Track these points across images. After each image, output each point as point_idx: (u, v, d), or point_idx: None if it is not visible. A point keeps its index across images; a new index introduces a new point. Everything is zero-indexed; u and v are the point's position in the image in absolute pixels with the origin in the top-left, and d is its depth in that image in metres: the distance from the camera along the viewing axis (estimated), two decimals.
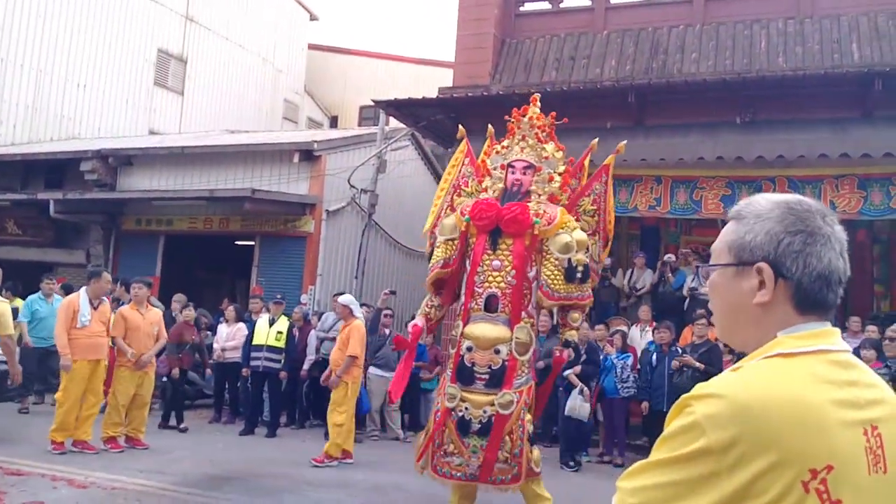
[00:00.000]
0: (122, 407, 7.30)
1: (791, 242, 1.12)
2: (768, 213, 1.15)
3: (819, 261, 1.12)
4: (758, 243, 1.14)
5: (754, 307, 1.14)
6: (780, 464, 0.98)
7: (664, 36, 10.62)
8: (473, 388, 4.76)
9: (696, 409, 1.03)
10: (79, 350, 6.95)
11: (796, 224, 1.13)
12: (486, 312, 4.83)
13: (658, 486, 1.03)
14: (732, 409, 1.00)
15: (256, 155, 12.86)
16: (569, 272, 4.84)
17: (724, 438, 0.99)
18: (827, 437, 1.02)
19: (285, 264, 12.34)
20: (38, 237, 13.90)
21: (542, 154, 5.16)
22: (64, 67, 16.56)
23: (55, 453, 6.64)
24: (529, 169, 5.09)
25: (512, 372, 4.73)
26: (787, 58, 9.78)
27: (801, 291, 1.12)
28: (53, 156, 13.96)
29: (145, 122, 18.17)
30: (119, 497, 5.49)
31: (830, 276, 1.12)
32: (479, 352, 4.76)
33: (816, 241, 1.12)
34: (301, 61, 22.61)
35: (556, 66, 10.95)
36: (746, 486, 0.98)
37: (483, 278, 4.88)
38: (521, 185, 5.05)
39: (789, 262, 1.12)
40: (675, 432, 1.04)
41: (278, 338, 8.89)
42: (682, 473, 1.01)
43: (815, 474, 0.99)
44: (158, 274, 12.95)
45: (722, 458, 0.99)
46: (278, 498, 5.77)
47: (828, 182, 9.04)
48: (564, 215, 4.95)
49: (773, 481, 0.98)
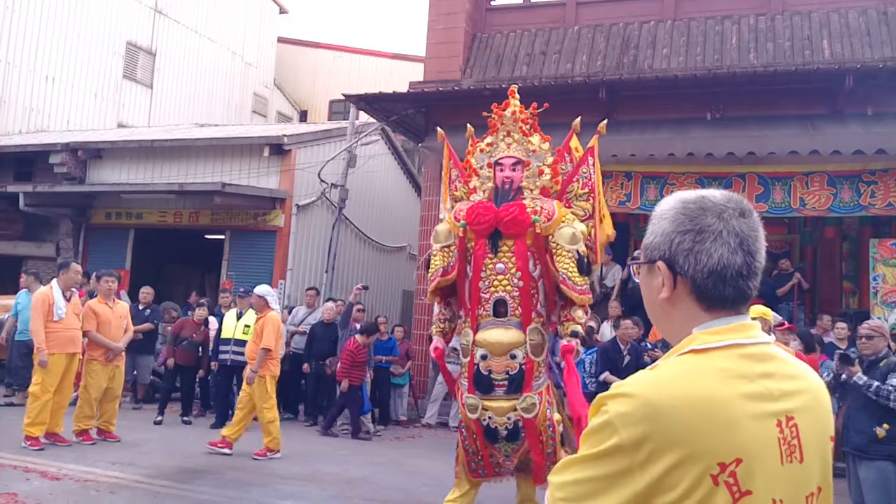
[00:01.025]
0: (95, 400, 7.24)
1: (681, 241, 1.17)
2: (664, 214, 1.21)
3: (709, 257, 1.15)
4: (656, 244, 1.20)
5: (662, 302, 1.20)
6: (688, 459, 1.02)
7: (635, 31, 10.74)
8: (493, 395, 4.68)
9: (609, 408, 1.07)
10: (56, 343, 6.88)
11: (685, 223, 1.17)
12: (496, 318, 4.75)
13: (580, 481, 1.07)
14: (642, 408, 1.04)
15: (226, 149, 12.76)
16: (580, 263, 4.74)
17: (634, 436, 1.03)
18: (735, 431, 1.05)
19: (255, 258, 12.28)
20: (8, 230, 13.67)
21: (529, 148, 5.04)
22: (32, 60, 16.24)
23: (32, 449, 6.54)
24: (518, 164, 4.96)
25: (530, 374, 4.68)
26: (758, 54, 9.88)
27: (698, 288, 1.16)
28: (23, 148, 13.72)
29: (114, 116, 17.90)
30: (92, 489, 5.45)
31: (724, 272, 1.15)
32: (495, 359, 4.68)
33: (705, 238, 1.15)
34: (271, 55, 22.43)
35: (527, 60, 11.02)
36: (658, 480, 1.02)
37: (488, 283, 4.78)
38: (511, 182, 4.93)
39: (682, 259, 1.16)
40: (592, 430, 1.08)
41: (245, 331, 8.83)
42: (599, 469, 1.05)
43: (723, 468, 1.03)
44: (128, 267, 12.81)
45: (633, 454, 1.03)
46: (249, 491, 5.77)
47: (798, 179, 9.17)
48: (562, 208, 4.88)
49: (682, 476, 1.02)
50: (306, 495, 5.76)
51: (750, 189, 9.28)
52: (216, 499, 5.47)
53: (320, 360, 9.38)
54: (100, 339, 7.29)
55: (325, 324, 9.53)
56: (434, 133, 10.89)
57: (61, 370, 6.90)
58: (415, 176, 15.45)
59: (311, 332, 9.61)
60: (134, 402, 9.69)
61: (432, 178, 11.11)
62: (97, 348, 7.31)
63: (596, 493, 1.05)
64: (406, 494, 6.12)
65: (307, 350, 9.55)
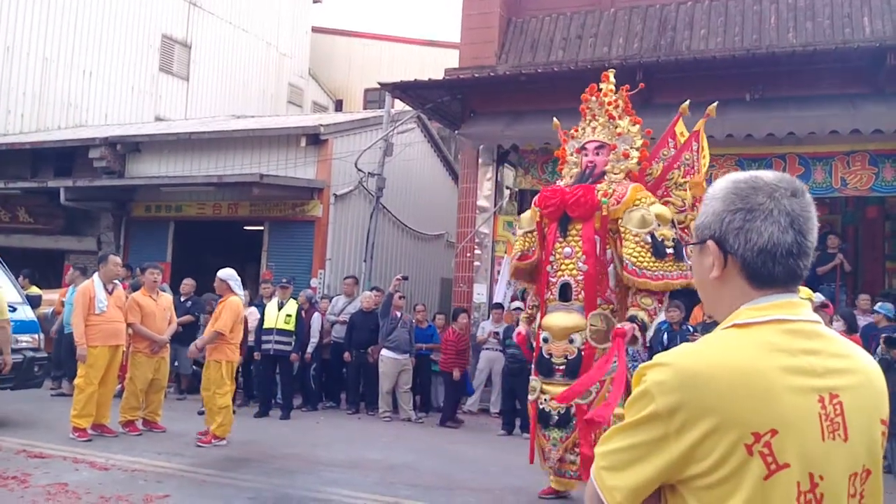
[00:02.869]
0: (140, 391, 7.39)
1: (731, 220, 1.18)
2: (716, 194, 1.22)
3: (759, 236, 1.15)
4: (707, 223, 1.21)
5: (713, 282, 1.21)
6: (721, 427, 1.03)
7: (672, 13, 10.53)
8: (553, 379, 4.67)
9: (648, 377, 1.10)
10: (99, 336, 7.01)
11: (735, 202, 1.18)
12: (561, 302, 4.73)
13: (622, 449, 1.11)
14: (677, 376, 1.07)
15: (263, 140, 12.86)
16: (656, 247, 4.53)
17: (669, 403, 1.06)
18: (771, 402, 1.05)
19: (294, 249, 12.39)
20: (49, 225, 13.98)
21: (616, 131, 4.93)
22: (69, 55, 16.56)
23: (80, 440, 6.70)
24: (602, 149, 4.89)
25: (589, 361, 4.57)
26: (798, 33, 9.67)
27: (747, 266, 1.17)
28: (62, 144, 14.00)
29: (151, 109, 18.17)
30: (139, 478, 5.58)
31: (774, 250, 1.15)
32: (555, 342, 4.68)
33: (756, 216, 1.16)
34: (305, 45, 22.50)
35: (563, 45, 10.87)
36: (691, 448, 1.05)
37: (556, 267, 4.77)
38: (594, 166, 4.86)
39: (731, 238, 1.17)
40: (633, 399, 1.12)
41: (287, 321, 8.96)
42: (638, 437, 1.09)
43: (758, 438, 1.03)
44: (169, 260, 13.03)
45: (669, 422, 1.06)
46: (294, 478, 5.84)
47: (839, 159, 9.00)
48: (637, 192, 4.70)
49: (715, 444, 1.03)
50: (350, 482, 5.82)
51: (790, 170, 9.10)
52: (261, 486, 5.55)
53: (360, 348, 9.47)
54: (144, 332, 7.42)
55: (365, 312, 9.59)
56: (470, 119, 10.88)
57: (105, 363, 7.04)
58: (451, 163, 15.40)
59: (350, 321, 9.69)
60: (178, 393, 9.89)
61: (469, 165, 11.06)
62: (142, 340, 7.44)
63: (635, 461, 1.09)
64: (448, 480, 6.15)
65: (347, 339, 9.64)
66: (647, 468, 1.08)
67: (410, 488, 5.79)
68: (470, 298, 10.68)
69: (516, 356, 8.60)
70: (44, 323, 8.94)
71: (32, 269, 10.97)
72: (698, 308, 8.62)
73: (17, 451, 6.17)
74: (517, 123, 9.93)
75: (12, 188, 13.61)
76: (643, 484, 1.09)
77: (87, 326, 6.97)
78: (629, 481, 1.09)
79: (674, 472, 1.07)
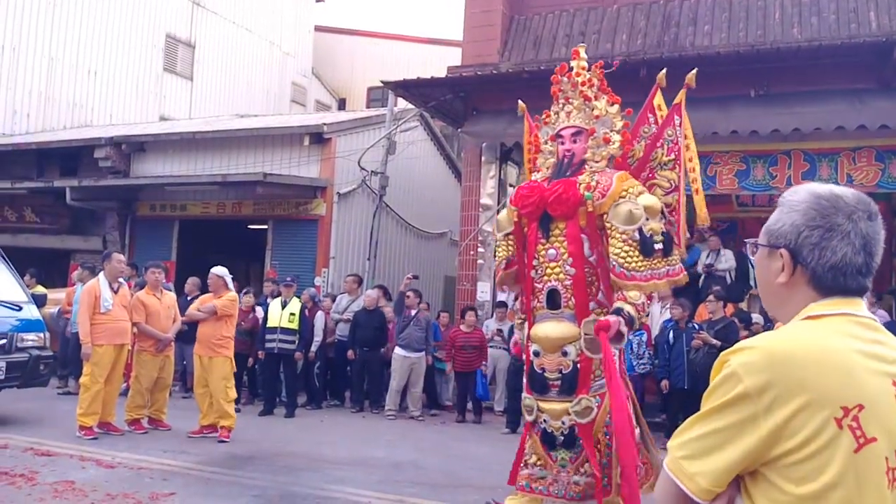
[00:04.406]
0: (146, 390, 7.43)
1: (809, 235, 1.23)
2: (797, 206, 1.27)
3: (833, 254, 1.22)
4: (783, 232, 1.27)
5: (779, 286, 1.27)
6: (813, 403, 1.07)
7: (676, 9, 10.49)
8: (548, 396, 4.18)
9: (732, 361, 1.15)
10: (105, 335, 7.04)
11: (816, 219, 1.24)
12: (550, 310, 4.21)
13: (703, 436, 1.14)
14: (765, 357, 1.12)
15: (267, 139, 12.89)
16: (644, 245, 4.01)
17: (758, 383, 1.10)
18: (855, 379, 1.10)
19: (298, 247, 12.42)
20: (55, 224, 14.05)
21: (593, 113, 4.35)
22: (74, 55, 16.62)
23: (86, 438, 6.75)
24: (579, 135, 4.33)
25: (586, 374, 4.09)
26: (803, 28, 9.62)
27: (817, 279, 1.23)
28: (68, 143, 14.07)
29: (156, 109, 18.22)
30: (146, 476, 5.60)
31: (845, 269, 1.22)
32: (547, 355, 4.16)
33: (833, 236, 1.22)
34: (308, 44, 22.53)
35: (565, 42, 10.84)
36: (782, 425, 1.08)
37: (541, 272, 4.25)
38: (572, 155, 4.30)
39: (806, 251, 1.24)
40: (715, 385, 1.16)
41: (291, 319, 8.98)
42: (724, 420, 1.12)
43: (846, 412, 1.07)
44: (174, 258, 13.07)
45: (758, 401, 1.09)
46: (299, 476, 5.86)
47: (845, 155, 8.95)
48: (623, 181, 4.14)
49: (807, 420, 1.07)
50: (355, 480, 5.83)
51: (795, 166, 9.06)
52: (266, 484, 5.57)
53: (364, 346, 9.48)
54: (149, 331, 7.45)
55: (368, 311, 9.60)
56: (473, 117, 10.86)
57: (110, 361, 7.07)
58: (454, 161, 15.40)
59: (354, 319, 9.70)
60: (183, 392, 9.92)
61: (472, 163, 11.05)
62: (147, 339, 7.47)
63: (721, 445, 1.12)
64: (453, 478, 6.16)
65: (351, 337, 9.65)
66: (735, 450, 1.10)
67: (415, 486, 5.80)
68: (474, 297, 10.67)
69: None
70: (49, 322, 8.98)
71: (39, 268, 11.03)
72: (703, 306, 8.60)
73: (24, 448, 6.21)
74: (520, 121, 9.88)
75: (18, 188, 13.67)
76: (729, 467, 1.11)
77: (93, 325, 7.01)
78: (714, 465, 1.12)
79: (761, 453, 1.10)
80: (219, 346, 7.21)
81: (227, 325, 7.37)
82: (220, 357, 7.21)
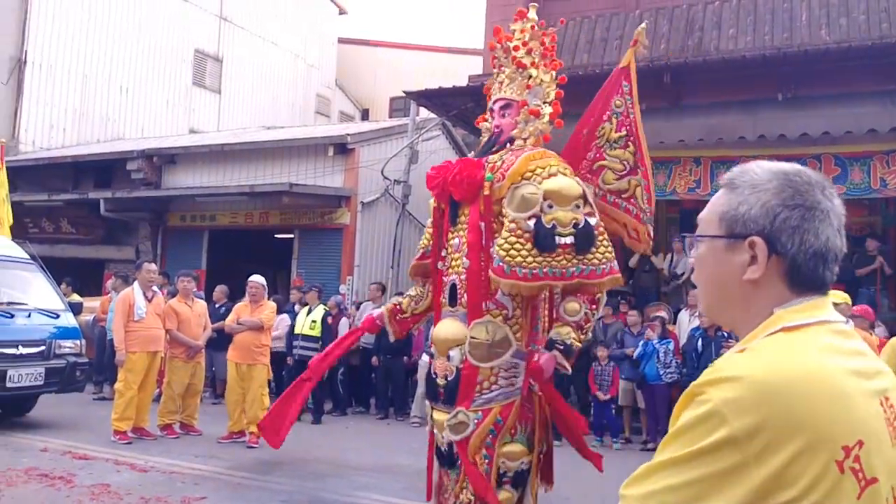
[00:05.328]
0: (178, 396, 7.59)
1: (788, 217, 1.04)
2: (765, 184, 1.06)
3: (816, 238, 1.04)
4: (752, 216, 1.05)
5: (744, 283, 1.06)
6: (813, 445, 0.89)
7: (699, 13, 10.43)
8: (437, 404, 3.61)
9: (711, 396, 0.92)
10: (138, 342, 7.23)
11: (794, 197, 1.04)
12: (450, 307, 3.64)
13: (674, 487, 0.91)
14: (753, 392, 0.91)
15: (292, 150, 13.09)
16: (540, 237, 3.32)
17: (748, 425, 0.89)
18: (852, 409, 0.93)
19: (323, 256, 12.57)
20: (90, 235, 14.42)
21: (525, 82, 3.69)
22: (107, 72, 17.06)
23: (121, 443, 6.92)
24: (509, 108, 3.70)
25: (469, 384, 3.41)
26: (831, 30, 9.45)
27: (796, 269, 1.04)
28: (102, 157, 14.47)
29: (185, 122, 18.60)
30: (177, 481, 5.72)
31: (827, 254, 1.05)
32: (439, 358, 3.58)
33: (815, 216, 1.04)
34: (331, 56, 22.83)
35: (587, 48, 10.86)
36: (777, 474, 0.89)
37: (448, 263, 3.72)
38: (500, 132, 3.70)
39: (784, 237, 1.04)
40: (690, 424, 0.93)
41: (312, 326, 9.10)
42: (702, 469, 0.90)
43: (847, 452, 0.90)
44: (204, 267, 13.30)
45: (747, 446, 0.89)
46: (326, 482, 5.93)
47: (877, 158, 8.77)
48: (533, 160, 3.49)
49: (806, 466, 0.89)
50: (381, 486, 5.88)
51: (826, 170, 8.90)
52: (294, 490, 5.65)
53: (388, 354, 9.54)
54: (180, 338, 7.61)
55: None
56: None
57: (144, 368, 7.24)
58: None
59: None
60: (213, 398, 10.07)
61: None
62: (178, 346, 7.64)
63: (699, 498, 0.90)
64: None
65: (376, 344, 9.71)
66: None
67: None
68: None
69: None
70: (85, 329, 9.20)
71: (74, 277, 11.33)
72: None
73: (62, 452, 6.39)
74: None
75: (55, 200, 14.07)
76: None
77: (127, 333, 7.20)
78: None
79: None
80: (258, 354, 7.40)
81: (266, 333, 7.55)
82: (259, 365, 7.38)
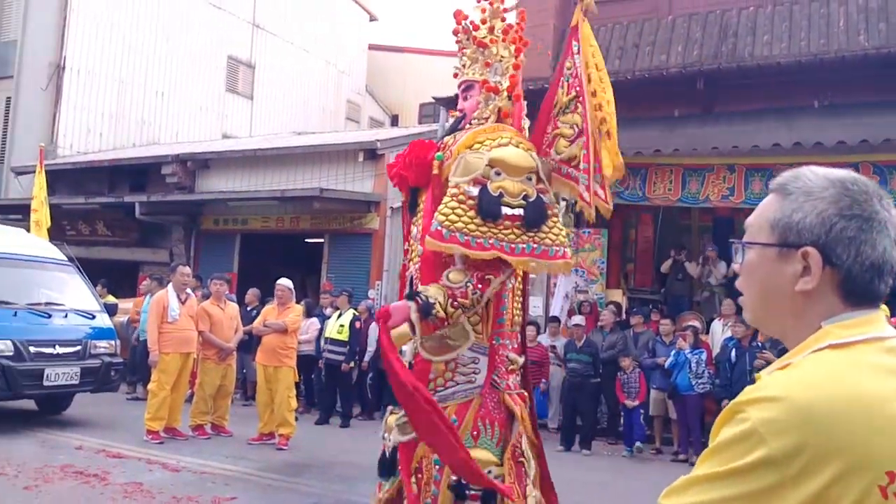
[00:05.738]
0: (209, 397, 7.69)
1: (845, 228, 1.00)
2: (821, 192, 1.02)
3: (873, 249, 1.00)
4: (807, 225, 1.01)
5: (796, 294, 1.02)
6: (853, 469, 0.88)
7: (733, 18, 10.32)
8: (395, 407, 3.34)
9: (750, 415, 0.92)
10: (171, 344, 7.36)
11: (853, 207, 1.01)
12: None
13: (710, 502, 0.92)
14: (793, 412, 0.90)
15: (323, 155, 13.21)
16: (484, 203, 3.02)
17: (787, 446, 0.88)
18: None
19: (353, 261, 12.64)
20: (126, 237, 14.69)
21: (486, 60, 3.50)
22: (143, 77, 17.40)
23: (153, 442, 7.03)
24: (470, 90, 3.51)
25: (420, 379, 3.09)
26: (869, 35, 9.29)
27: (850, 281, 1.00)
28: (137, 161, 14.79)
29: (218, 127, 18.89)
30: (208, 481, 5.79)
31: (883, 267, 1.01)
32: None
33: (873, 227, 1.00)
34: (362, 62, 23.02)
35: (619, 54, 10.80)
36: (815, 497, 0.87)
37: (410, 256, 3.52)
38: (463, 115, 3.50)
39: (840, 248, 1.00)
40: (728, 442, 0.93)
41: (340, 331, 9.15)
42: (738, 488, 0.90)
43: (893, 477, 0.88)
44: (236, 270, 13.47)
45: (785, 467, 0.88)
46: (354, 485, 5.93)
47: None
48: (481, 134, 3.26)
49: (845, 490, 0.87)
50: None
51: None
52: (322, 492, 5.68)
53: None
54: (213, 340, 7.72)
55: None
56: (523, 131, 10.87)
57: (177, 369, 7.36)
58: None
59: None
60: (244, 400, 10.18)
61: None
62: (210, 347, 7.74)
63: None
64: None
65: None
66: None
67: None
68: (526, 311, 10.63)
69: (577, 370, 8.53)
70: (120, 330, 9.37)
71: (110, 279, 11.56)
72: None
73: (97, 450, 6.51)
74: None
75: (92, 203, 14.37)
76: None
77: (161, 334, 7.33)
78: None
79: None
80: (284, 357, 7.47)
81: (292, 335, 7.62)
82: (285, 367, 7.45)
